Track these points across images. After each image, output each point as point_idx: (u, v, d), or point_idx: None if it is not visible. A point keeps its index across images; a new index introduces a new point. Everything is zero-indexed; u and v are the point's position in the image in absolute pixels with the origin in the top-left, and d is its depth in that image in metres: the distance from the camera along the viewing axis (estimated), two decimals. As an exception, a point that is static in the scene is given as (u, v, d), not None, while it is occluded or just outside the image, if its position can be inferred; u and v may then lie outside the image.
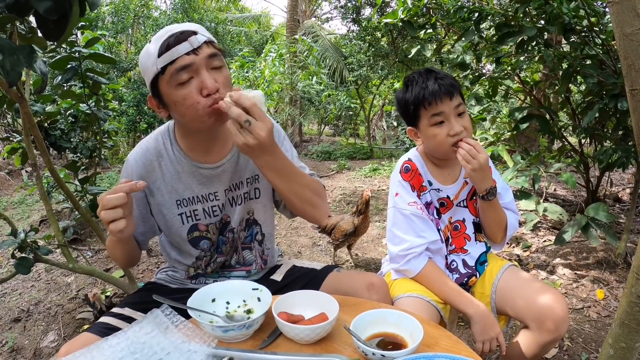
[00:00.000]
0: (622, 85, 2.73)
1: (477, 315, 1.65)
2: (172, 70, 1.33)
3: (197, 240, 1.64)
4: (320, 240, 4.63)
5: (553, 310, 1.61)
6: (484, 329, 1.64)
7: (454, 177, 1.88)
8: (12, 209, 6.42)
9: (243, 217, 1.69)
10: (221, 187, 1.61)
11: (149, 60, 1.37)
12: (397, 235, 1.80)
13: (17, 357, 2.78)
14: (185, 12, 14.19)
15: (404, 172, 1.83)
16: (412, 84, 1.74)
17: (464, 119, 1.70)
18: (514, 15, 3.22)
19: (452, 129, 1.67)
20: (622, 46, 1.54)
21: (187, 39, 1.33)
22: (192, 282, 1.75)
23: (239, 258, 1.75)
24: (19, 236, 2.49)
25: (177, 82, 1.34)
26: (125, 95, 10.95)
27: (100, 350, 1.17)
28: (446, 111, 1.67)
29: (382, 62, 10.19)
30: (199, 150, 1.57)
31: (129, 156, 1.60)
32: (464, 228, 1.92)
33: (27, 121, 2.32)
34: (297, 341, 1.21)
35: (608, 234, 2.89)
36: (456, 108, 1.68)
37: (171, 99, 1.38)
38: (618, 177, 6.89)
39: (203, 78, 1.35)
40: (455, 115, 1.68)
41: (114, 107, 4.55)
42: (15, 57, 1.36)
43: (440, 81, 1.68)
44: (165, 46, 1.33)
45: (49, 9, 1.32)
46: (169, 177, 1.57)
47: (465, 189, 1.89)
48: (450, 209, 1.89)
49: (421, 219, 1.78)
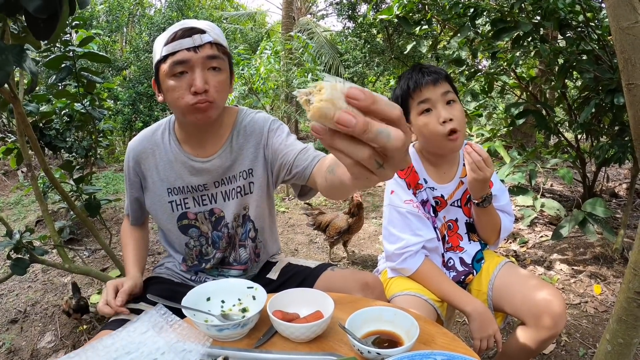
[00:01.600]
0: (618, 80, 2.73)
1: (474, 313, 1.64)
2: (171, 61, 1.40)
3: (186, 227, 1.70)
4: (316, 238, 4.63)
5: (550, 307, 1.61)
6: (481, 326, 1.63)
7: (449, 177, 1.86)
8: (8, 209, 6.40)
9: (239, 212, 1.70)
10: (211, 179, 1.64)
11: (157, 45, 1.47)
12: (393, 234, 1.79)
13: (14, 359, 2.76)
14: (181, 10, 14.15)
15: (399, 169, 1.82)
16: (400, 80, 1.78)
17: (453, 107, 1.68)
18: (509, 10, 3.22)
19: (440, 115, 1.65)
20: (618, 40, 1.54)
21: (192, 36, 1.40)
22: (193, 278, 1.78)
23: (236, 256, 1.76)
24: (14, 237, 2.48)
25: (171, 72, 1.42)
26: (120, 94, 10.91)
27: (94, 351, 1.16)
28: (432, 98, 1.67)
29: (377, 58, 10.20)
30: (192, 143, 1.63)
31: (129, 143, 1.72)
32: (456, 227, 1.91)
33: (20, 121, 2.31)
34: (292, 339, 1.20)
35: (605, 229, 2.89)
36: (443, 95, 1.67)
37: (165, 86, 1.46)
38: (615, 172, 6.90)
39: (195, 76, 1.41)
40: (443, 102, 1.67)
41: (109, 106, 4.53)
42: (4, 57, 1.36)
43: (425, 70, 1.70)
44: (172, 37, 1.41)
45: (39, 7, 1.31)
46: (162, 166, 1.65)
47: (460, 189, 1.87)
48: (444, 207, 1.87)
49: (417, 217, 1.77)
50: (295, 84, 10.44)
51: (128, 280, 1.55)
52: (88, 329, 2.95)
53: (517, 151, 3.69)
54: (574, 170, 4.55)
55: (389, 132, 0.57)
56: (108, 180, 7.81)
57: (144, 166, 1.67)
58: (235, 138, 1.64)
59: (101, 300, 1.46)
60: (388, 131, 0.57)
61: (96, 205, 3.30)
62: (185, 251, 1.74)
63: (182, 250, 1.74)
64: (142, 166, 1.67)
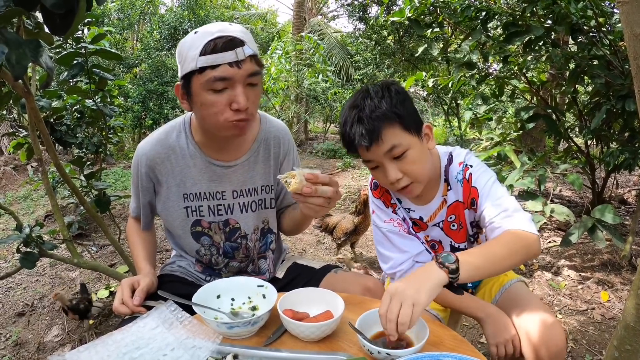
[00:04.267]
0: (630, 86, 2.72)
1: (488, 318, 1.54)
2: (211, 76, 1.30)
3: (199, 234, 1.66)
4: (324, 239, 4.63)
5: (549, 343, 1.47)
6: (497, 330, 1.51)
7: (428, 197, 1.66)
8: (17, 203, 6.44)
9: (257, 225, 1.70)
10: (229, 187, 1.61)
11: (189, 52, 1.32)
12: (382, 253, 1.70)
13: (20, 351, 2.79)
14: (192, 9, 14.19)
15: (373, 188, 1.71)
16: (343, 124, 1.49)
17: (404, 161, 1.43)
18: (521, 14, 3.21)
19: (388, 176, 1.45)
20: (631, 47, 1.53)
21: (234, 49, 1.30)
22: (208, 279, 1.76)
23: (255, 267, 1.76)
24: (24, 231, 2.50)
25: (210, 87, 1.32)
26: (130, 91, 10.95)
27: (104, 345, 1.17)
28: (375, 159, 1.45)
29: (388, 60, 10.18)
30: (214, 147, 1.58)
31: (139, 148, 1.62)
32: (441, 249, 1.75)
33: (33, 116, 2.32)
34: (302, 338, 1.21)
35: (614, 236, 2.87)
36: (388, 152, 1.41)
37: (199, 99, 1.36)
38: (624, 178, 6.87)
39: (237, 93, 1.34)
40: (389, 159, 1.43)
41: (119, 103, 4.54)
42: (21, 51, 1.36)
43: (363, 124, 1.40)
44: (212, 48, 1.29)
45: (56, 3, 1.31)
46: (178, 170, 1.59)
47: (442, 209, 1.66)
48: (424, 229, 1.72)
49: (399, 236, 1.66)
50: (306, 85, 10.42)
51: (144, 278, 1.48)
52: (95, 323, 2.97)
53: (526, 156, 3.67)
54: (583, 176, 4.52)
55: (326, 190, 1.24)
56: (117, 177, 7.84)
57: (158, 171, 1.59)
58: (263, 150, 1.65)
59: (117, 300, 1.39)
60: (325, 189, 1.24)
61: (106, 201, 3.31)
62: (196, 257, 1.73)
63: (193, 254, 1.72)
64: (156, 171, 1.60)
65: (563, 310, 2.99)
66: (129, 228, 1.81)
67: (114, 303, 1.39)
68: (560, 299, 3.13)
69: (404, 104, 1.43)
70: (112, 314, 3.08)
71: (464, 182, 1.58)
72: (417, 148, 1.44)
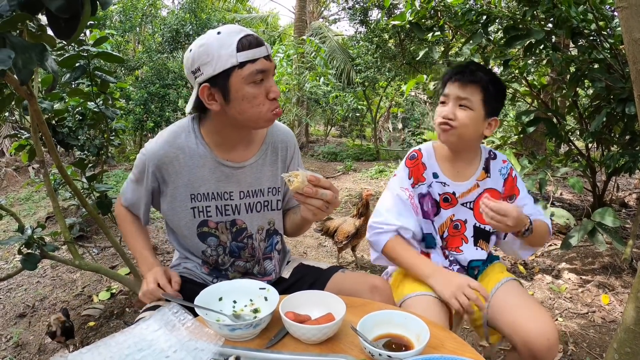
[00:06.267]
0: (630, 89, 2.73)
1: (434, 273, 1.68)
2: (253, 69, 1.39)
3: (205, 235, 1.67)
4: (325, 241, 4.63)
5: (540, 339, 1.52)
6: (443, 285, 1.63)
7: (465, 176, 1.86)
8: (18, 205, 6.46)
9: (263, 226, 1.72)
10: (237, 188, 1.63)
11: (222, 51, 1.38)
12: (378, 209, 1.86)
13: (21, 353, 2.79)
14: (193, 11, 14.18)
15: (410, 159, 1.89)
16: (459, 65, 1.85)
17: (463, 112, 1.72)
18: (522, 18, 3.22)
19: (443, 111, 1.75)
20: (630, 51, 1.54)
21: (264, 45, 1.42)
22: (215, 281, 1.75)
23: (260, 268, 1.77)
24: (26, 232, 2.51)
25: (252, 80, 1.41)
26: (132, 94, 10.94)
27: (107, 347, 1.18)
28: (450, 94, 1.75)
29: (389, 64, 10.18)
30: (224, 147, 1.61)
31: (147, 148, 1.63)
32: (463, 229, 1.88)
33: (35, 118, 2.33)
34: (303, 341, 1.21)
35: (615, 239, 2.88)
36: (461, 99, 1.72)
37: (241, 93, 1.42)
38: (625, 182, 6.87)
39: (272, 84, 1.46)
40: (455, 102, 1.73)
41: (121, 105, 4.55)
42: (28, 55, 1.37)
43: (468, 70, 1.73)
44: (248, 44, 1.39)
45: (61, 7, 1.32)
46: (186, 171, 1.59)
47: (474, 191, 1.86)
48: (454, 206, 1.87)
49: (404, 204, 1.82)
50: (307, 88, 10.44)
51: (168, 271, 1.58)
52: (96, 325, 2.97)
53: (527, 159, 3.68)
54: (584, 179, 4.53)
55: (326, 193, 1.32)
56: (118, 179, 7.86)
57: (165, 171, 1.60)
58: (270, 152, 1.69)
59: (141, 292, 1.52)
60: (326, 192, 1.32)
61: (108, 204, 3.32)
62: (202, 258, 1.73)
63: (199, 255, 1.72)
64: (162, 171, 1.60)
65: (564, 313, 3.00)
66: (121, 216, 1.80)
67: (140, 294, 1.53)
68: (561, 302, 3.13)
69: (498, 92, 1.77)
70: (113, 316, 3.09)
71: (508, 178, 1.90)
72: (476, 119, 1.73)
